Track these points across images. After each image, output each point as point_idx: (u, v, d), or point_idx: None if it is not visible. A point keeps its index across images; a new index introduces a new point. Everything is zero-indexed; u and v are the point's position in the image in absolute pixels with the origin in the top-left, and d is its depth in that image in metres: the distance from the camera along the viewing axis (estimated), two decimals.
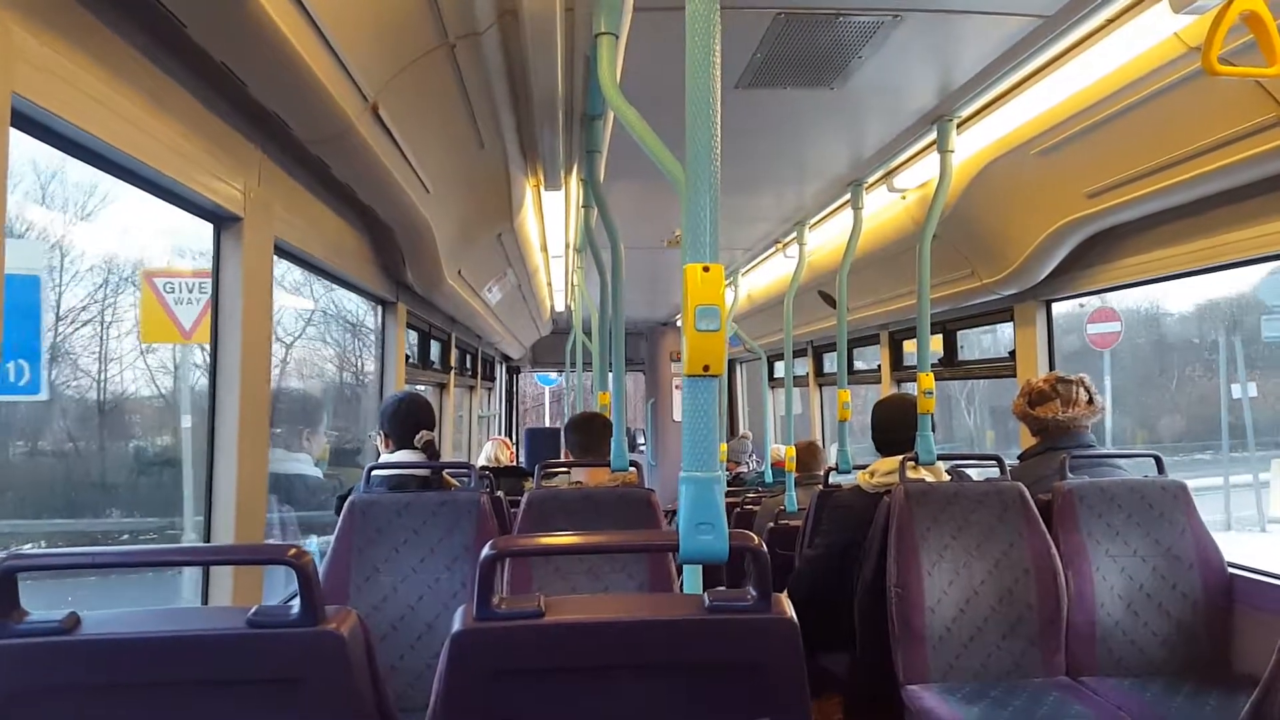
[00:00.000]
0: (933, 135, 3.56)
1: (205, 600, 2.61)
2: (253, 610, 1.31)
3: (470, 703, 1.32)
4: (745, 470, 8.64)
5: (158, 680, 1.29)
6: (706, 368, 1.50)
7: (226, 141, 2.44)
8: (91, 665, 1.27)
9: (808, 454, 5.54)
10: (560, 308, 8.95)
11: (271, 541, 3.33)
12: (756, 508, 5.33)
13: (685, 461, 1.53)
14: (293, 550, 1.33)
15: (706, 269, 1.49)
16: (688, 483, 1.52)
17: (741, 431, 10.07)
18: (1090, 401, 3.47)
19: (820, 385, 8.11)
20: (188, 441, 3.73)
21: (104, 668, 1.28)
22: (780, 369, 8.72)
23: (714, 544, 1.48)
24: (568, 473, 3.69)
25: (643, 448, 11.22)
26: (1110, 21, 2.57)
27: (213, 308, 2.61)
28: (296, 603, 1.30)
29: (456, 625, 1.32)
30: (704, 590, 2.05)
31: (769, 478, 6.61)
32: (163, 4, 1.81)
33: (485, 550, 1.33)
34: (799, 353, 7.86)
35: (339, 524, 2.91)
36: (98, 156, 1.96)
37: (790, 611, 1.36)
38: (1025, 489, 3.08)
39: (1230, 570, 3.07)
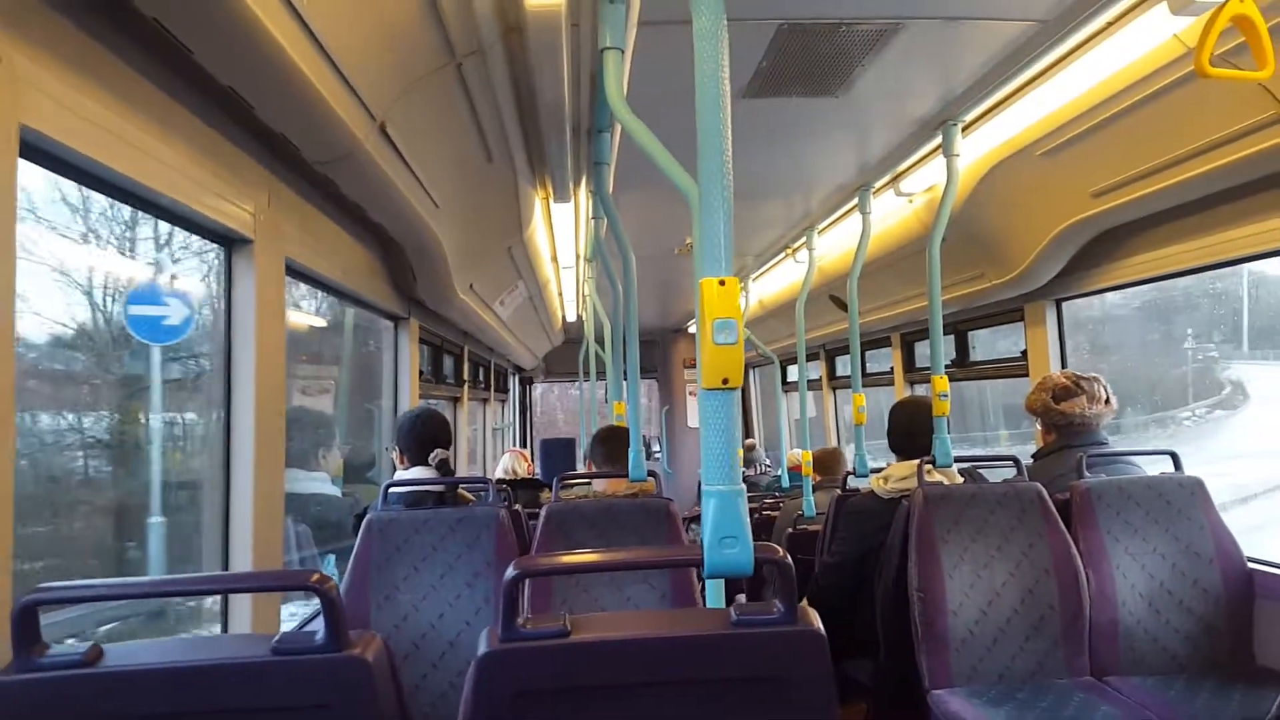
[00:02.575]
0: (938, 140, 3.56)
1: (225, 627, 2.62)
2: (277, 638, 1.31)
3: None
4: (752, 473, 8.64)
5: (182, 711, 1.28)
6: (725, 380, 1.49)
7: (236, 164, 2.46)
8: (115, 697, 1.27)
9: (830, 459, 5.56)
10: (571, 318, 8.97)
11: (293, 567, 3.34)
12: (775, 514, 5.33)
13: (707, 475, 1.52)
14: (316, 576, 1.32)
15: (722, 282, 1.48)
16: (710, 496, 1.50)
17: (746, 441, 10.02)
18: (1108, 400, 3.47)
19: (834, 389, 8.11)
20: None
21: (128, 700, 1.27)
22: (793, 373, 8.72)
23: (739, 557, 1.46)
24: (588, 484, 3.70)
25: (658, 455, 11.21)
26: (1109, 25, 2.58)
27: (225, 329, 2.62)
28: (321, 629, 1.31)
29: (482, 647, 1.32)
30: (725, 597, 2.05)
31: (785, 482, 6.63)
32: (169, 31, 1.83)
33: (509, 571, 1.33)
34: (811, 356, 7.86)
35: (357, 543, 2.92)
36: (106, 184, 1.98)
37: (817, 623, 1.35)
38: (1043, 489, 3.08)
39: (1250, 565, 3.06)
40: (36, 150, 1.70)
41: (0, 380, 1.52)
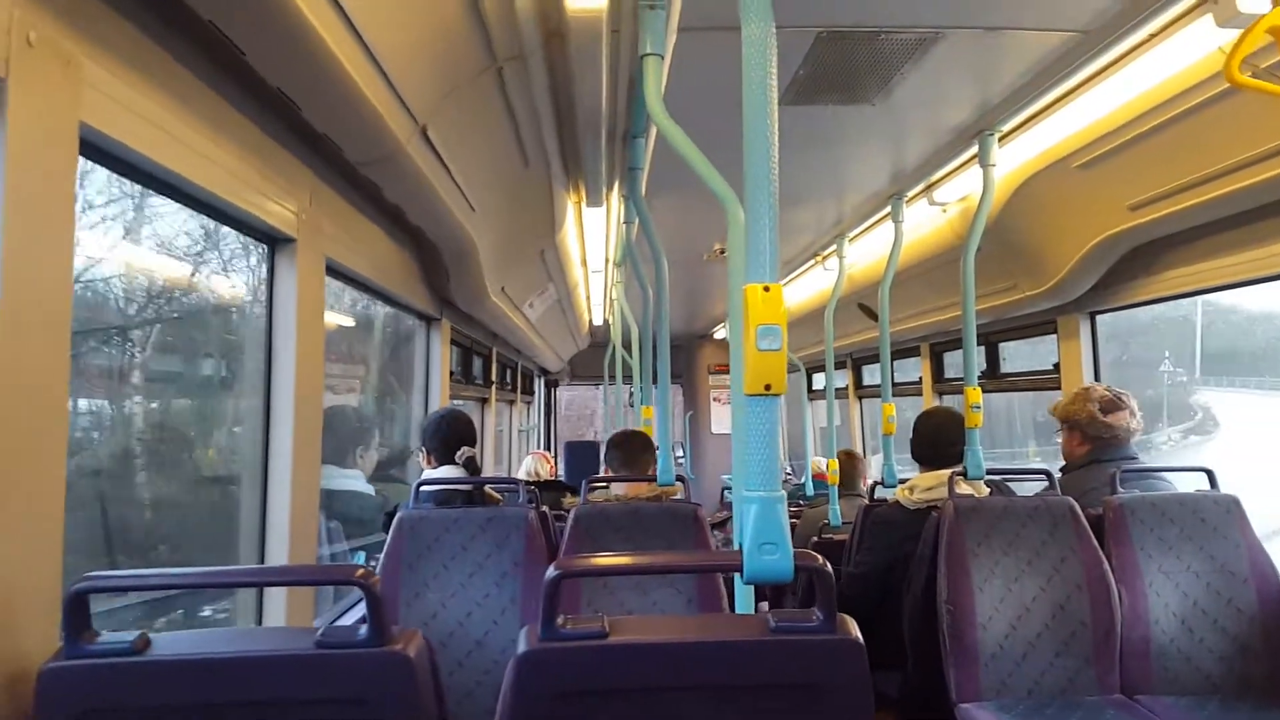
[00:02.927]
0: (974, 149, 3.54)
1: (260, 620, 2.66)
2: (320, 631, 1.33)
3: None
4: None
5: (226, 701, 1.30)
6: (768, 386, 1.48)
7: (280, 164, 2.49)
8: (162, 686, 1.29)
9: (847, 464, 5.49)
10: (598, 321, 8.98)
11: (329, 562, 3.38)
12: (797, 521, 5.30)
13: (747, 481, 1.51)
14: (360, 571, 1.34)
15: (767, 289, 1.48)
16: (750, 502, 1.49)
17: None
18: (1138, 416, 3.46)
19: (860, 398, 8.07)
20: None
21: (174, 688, 1.29)
22: (819, 381, 8.69)
23: (779, 564, 1.45)
24: (607, 488, 3.71)
25: (681, 460, 11.19)
26: (1152, 36, 2.56)
27: (266, 326, 2.65)
28: (362, 622, 1.32)
29: (521, 646, 1.33)
30: (753, 605, 2.05)
31: (809, 490, 6.59)
32: (224, 33, 1.85)
33: (549, 571, 1.34)
34: (838, 365, 7.83)
35: (388, 540, 2.95)
36: (157, 180, 2.01)
37: (856, 632, 1.35)
38: (1075, 504, 3.05)
39: None
40: (93, 147, 1.73)
41: (55, 373, 1.54)
